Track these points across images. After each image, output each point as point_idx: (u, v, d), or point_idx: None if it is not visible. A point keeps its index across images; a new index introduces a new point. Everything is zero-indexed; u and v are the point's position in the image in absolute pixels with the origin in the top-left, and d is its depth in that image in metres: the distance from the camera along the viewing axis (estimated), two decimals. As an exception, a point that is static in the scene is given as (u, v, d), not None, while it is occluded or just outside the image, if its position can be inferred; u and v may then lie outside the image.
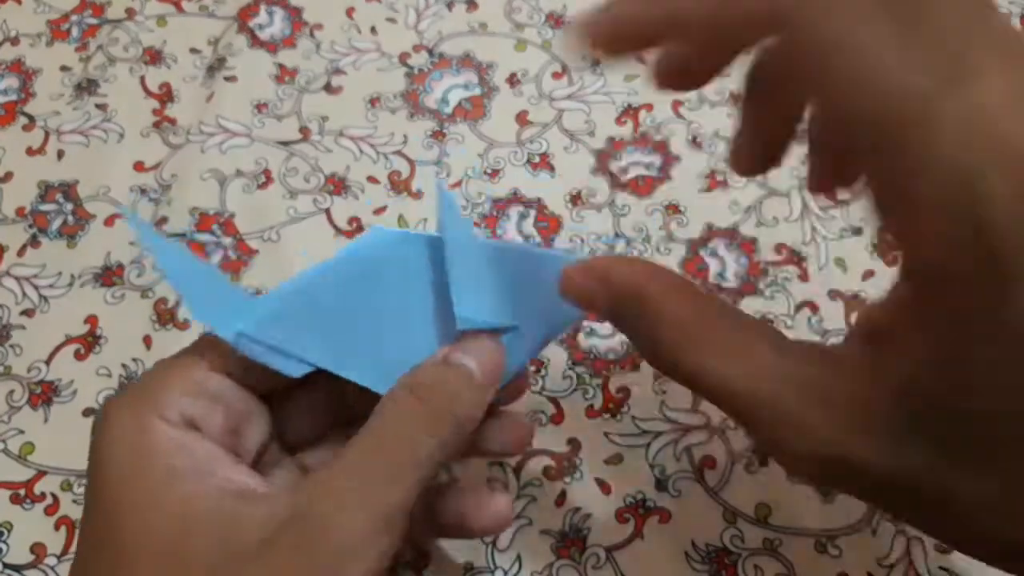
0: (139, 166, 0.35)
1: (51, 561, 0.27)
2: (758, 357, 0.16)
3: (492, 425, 0.23)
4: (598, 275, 0.19)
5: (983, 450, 0.14)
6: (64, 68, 0.37)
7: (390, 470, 0.18)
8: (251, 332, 0.20)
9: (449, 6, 0.39)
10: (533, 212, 0.34)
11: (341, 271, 0.20)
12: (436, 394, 0.19)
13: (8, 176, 0.35)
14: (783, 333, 0.18)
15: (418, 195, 0.34)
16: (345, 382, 0.21)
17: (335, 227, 0.33)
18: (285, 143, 0.35)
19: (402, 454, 0.19)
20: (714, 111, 0.36)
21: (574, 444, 0.29)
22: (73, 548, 0.26)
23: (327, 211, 0.34)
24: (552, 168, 0.35)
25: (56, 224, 0.33)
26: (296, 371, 0.20)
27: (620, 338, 0.31)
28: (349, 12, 0.39)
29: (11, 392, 0.30)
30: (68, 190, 0.34)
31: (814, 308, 0.31)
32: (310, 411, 0.23)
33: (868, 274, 0.32)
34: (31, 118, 0.36)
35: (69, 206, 0.34)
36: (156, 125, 0.36)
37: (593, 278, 0.19)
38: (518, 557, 0.27)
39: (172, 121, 0.36)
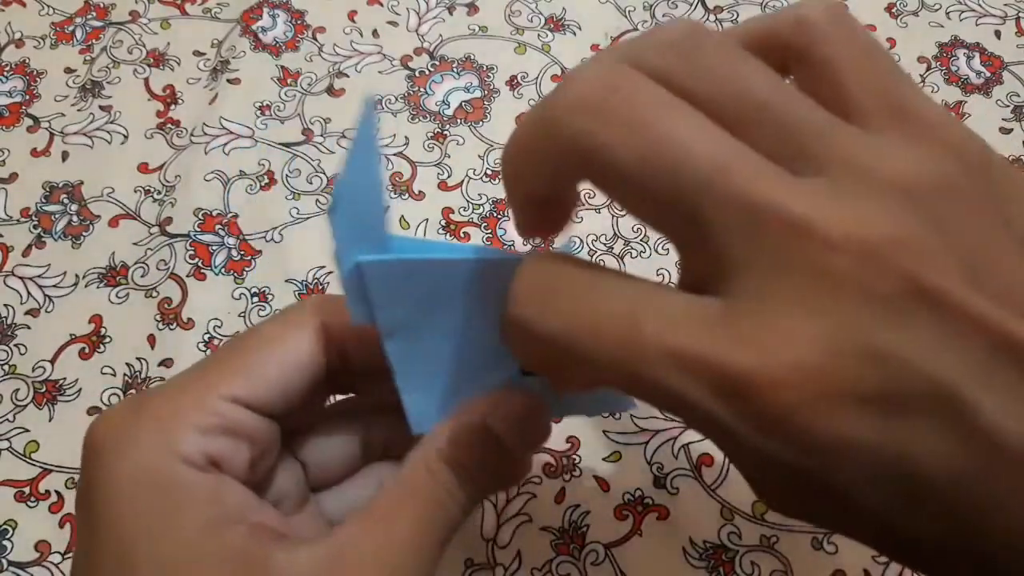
0: (143, 167, 0.35)
1: (55, 559, 0.27)
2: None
3: None
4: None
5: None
6: (68, 70, 0.38)
7: (425, 544, 0.18)
8: (368, 270, 0.18)
9: (450, 9, 0.40)
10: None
11: (472, 268, 0.19)
12: (467, 466, 0.19)
13: (13, 177, 0.35)
14: None
15: (420, 196, 0.34)
16: (371, 421, 0.21)
17: (337, 228, 0.34)
18: (288, 145, 0.36)
19: (437, 531, 0.19)
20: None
21: (573, 441, 0.29)
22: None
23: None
24: (552, 170, 0.35)
25: (61, 225, 0.34)
26: (361, 320, 0.19)
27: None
28: (351, 15, 0.40)
29: (16, 391, 0.30)
30: (73, 191, 0.34)
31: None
32: (332, 450, 0.22)
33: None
34: (36, 120, 0.36)
35: (74, 207, 0.34)
36: (160, 127, 0.36)
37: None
38: (518, 554, 0.27)
39: (176, 123, 0.36)
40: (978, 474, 0.13)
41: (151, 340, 0.31)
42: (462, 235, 0.33)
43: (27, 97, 0.37)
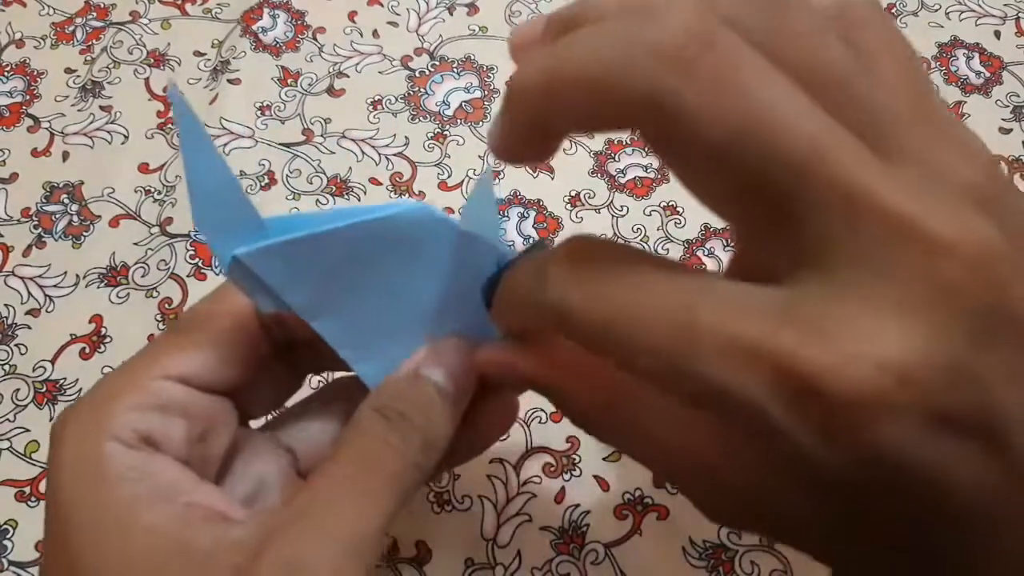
0: (144, 167, 0.35)
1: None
2: (662, 441, 0.16)
3: (476, 415, 0.21)
4: (507, 370, 0.19)
5: None
6: (69, 70, 0.38)
7: (362, 500, 0.18)
8: (249, 261, 0.18)
9: (450, 10, 0.40)
10: (533, 213, 0.34)
11: (363, 231, 0.18)
12: (406, 417, 0.19)
13: (13, 177, 0.35)
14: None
15: (420, 196, 0.34)
16: (355, 400, 0.20)
17: (337, 228, 0.34)
18: (288, 145, 0.36)
19: (374, 482, 0.18)
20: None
21: (573, 441, 0.29)
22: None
23: (329, 212, 0.34)
24: (552, 169, 0.35)
25: (61, 225, 0.34)
26: (268, 308, 0.19)
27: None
28: (351, 16, 0.40)
29: (16, 391, 0.30)
30: (73, 191, 0.34)
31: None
32: (317, 434, 0.22)
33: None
34: (36, 120, 0.36)
35: (74, 207, 0.34)
36: (160, 127, 0.36)
37: (505, 371, 0.19)
38: (518, 553, 0.27)
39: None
40: (1001, 496, 0.12)
41: (151, 340, 0.31)
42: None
43: (27, 97, 0.37)
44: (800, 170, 0.12)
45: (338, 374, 0.24)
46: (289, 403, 0.23)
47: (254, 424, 0.22)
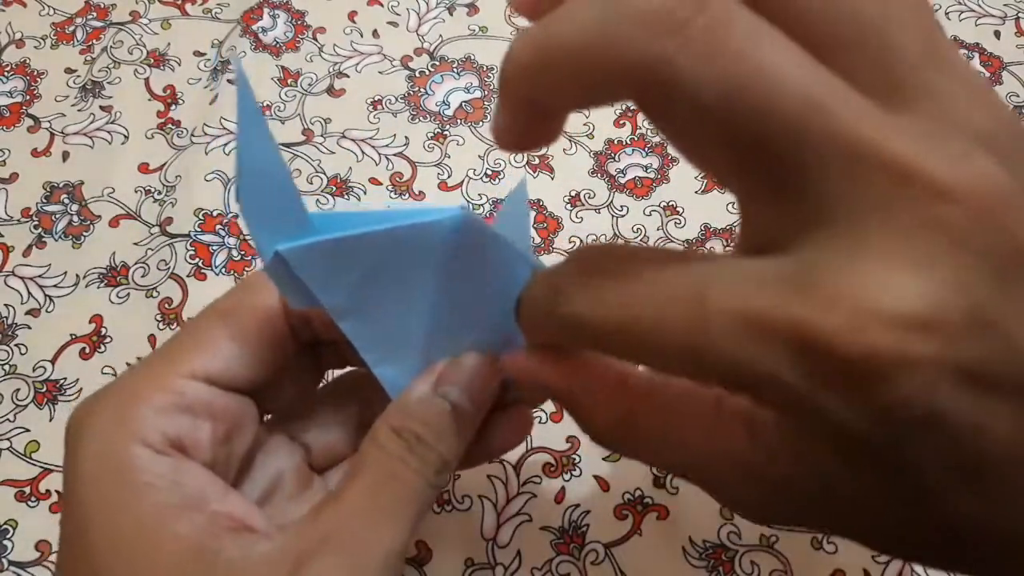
0: (144, 167, 0.35)
1: (56, 558, 0.27)
2: (687, 443, 0.16)
3: (490, 426, 0.22)
4: (531, 376, 0.18)
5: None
6: (69, 70, 0.38)
7: (387, 522, 0.18)
8: (291, 258, 0.17)
9: (450, 10, 0.40)
10: (533, 213, 0.34)
11: (406, 234, 0.18)
12: (423, 440, 0.18)
13: (14, 177, 0.35)
14: (716, 390, 0.16)
15: (420, 196, 0.34)
16: (369, 394, 0.21)
17: (337, 228, 0.34)
18: (288, 145, 0.36)
19: (397, 505, 0.18)
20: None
21: (573, 441, 0.29)
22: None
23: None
24: (552, 169, 0.35)
25: (61, 225, 0.34)
26: (299, 305, 0.18)
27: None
28: (351, 16, 0.40)
29: (16, 391, 0.30)
30: (73, 191, 0.34)
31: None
32: (331, 429, 0.22)
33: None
34: (36, 120, 0.36)
35: (74, 207, 0.34)
36: (161, 127, 0.36)
37: (529, 378, 0.18)
38: (518, 553, 0.27)
39: (176, 123, 0.36)
40: None
41: (152, 340, 0.31)
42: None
43: (27, 97, 0.37)
44: (797, 126, 0.12)
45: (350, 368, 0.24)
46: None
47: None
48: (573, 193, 0.35)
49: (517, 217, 0.20)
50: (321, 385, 0.24)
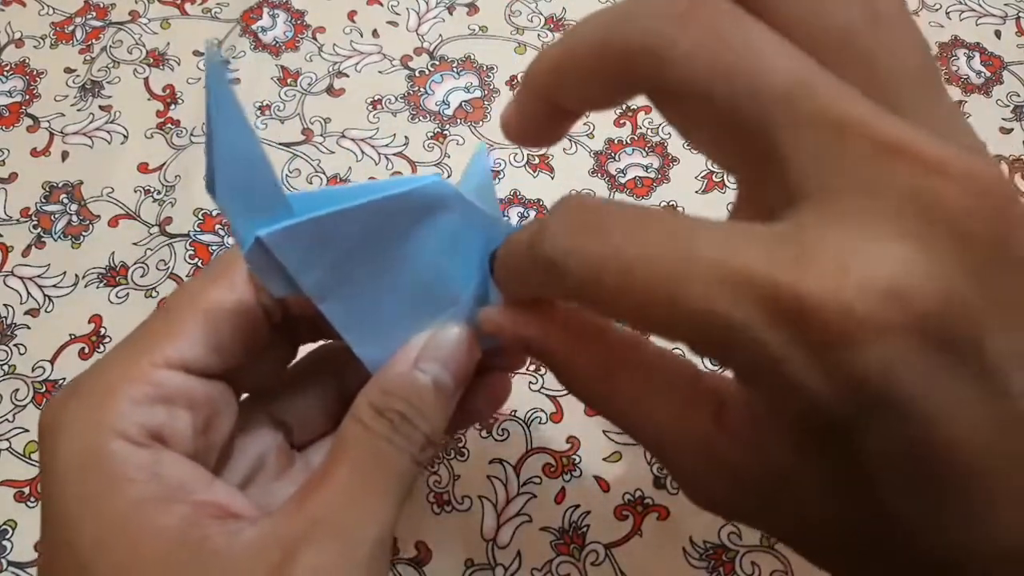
0: (143, 167, 0.35)
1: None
2: (658, 413, 0.16)
3: (469, 392, 0.21)
4: (509, 330, 0.18)
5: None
6: (68, 70, 0.38)
7: (375, 502, 0.18)
8: (271, 243, 0.17)
9: (450, 9, 0.40)
10: (533, 213, 0.34)
11: (383, 206, 0.17)
12: (407, 418, 0.18)
13: (13, 177, 0.35)
14: (694, 368, 0.17)
15: (419, 196, 0.34)
16: (344, 366, 0.20)
17: (337, 228, 0.34)
18: (288, 145, 0.36)
19: (383, 484, 0.18)
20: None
21: (573, 442, 0.29)
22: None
23: (329, 212, 0.34)
24: (551, 169, 0.35)
25: (61, 224, 0.34)
26: (281, 292, 0.18)
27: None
28: (351, 15, 0.40)
29: (16, 391, 0.30)
30: (72, 191, 0.34)
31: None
32: (310, 405, 0.22)
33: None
34: (36, 119, 0.36)
35: (73, 207, 0.34)
36: (160, 127, 0.36)
37: (506, 332, 0.18)
38: (518, 554, 0.27)
39: (176, 123, 0.36)
40: (998, 450, 0.12)
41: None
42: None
43: (27, 97, 0.37)
44: (783, 102, 0.13)
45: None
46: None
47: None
48: (573, 193, 0.34)
49: (482, 188, 0.19)
50: (295, 361, 0.23)
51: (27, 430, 0.29)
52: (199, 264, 0.32)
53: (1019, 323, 0.12)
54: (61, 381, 0.30)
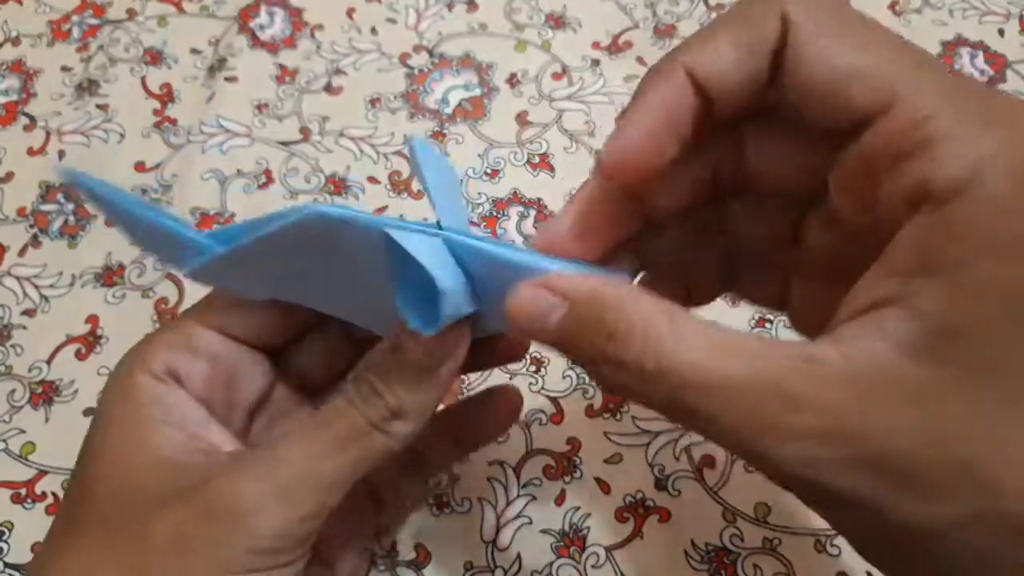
0: (140, 166, 0.35)
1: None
2: (745, 346, 0.15)
3: (480, 409, 0.24)
4: (555, 291, 0.17)
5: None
6: (65, 68, 0.37)
7: (306, 450, 0.19)
8: (202, 274, 0.20)
9: (449, 7, 0.39)
10: (533, 212, 0.34)
11: (273, 240, 0.19)
12: (375, 387, 0.19)
13: (9, 176, 0.35)
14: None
15: (419, 196, 0.34)
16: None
17: (335, 227, 0.33)
18: (286, 143, 0.35)
19: (324, 438, 0.19)
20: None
21: (574, 444, 0.29)
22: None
23: (328, 211, 0.34)
24: (552, 168, 0.35)
25: (57, 224, 0.33)
26: (258, 296, 0.21)
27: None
28: (349, 13, 0.39)
29: (12, 392, 0.30)
30: (69, 190, 0.34)
31: (813, 308, 0.32)
32: (325, 354, 0.24)
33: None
34: (32, 118, 0.36)
35: (70, 206, 0.34)
36: (157, 125, 0.36)
37: (549, 294, 0.17)
38: (518, 556, 0.27)
39: (173, 121, 0.36)
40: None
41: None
42: (462, 234, 0.33)
43: (23, 96, 0.37)
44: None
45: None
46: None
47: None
48: (574, 191, 0.34)
49: (447, 186, 0.20)
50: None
51: (23, 431, 0.29)
52: (197, 264, 0.32)
53: None
54: (58, 382, 0.30)
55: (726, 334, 0.16)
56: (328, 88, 0.37)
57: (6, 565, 0.27)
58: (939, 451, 0.14)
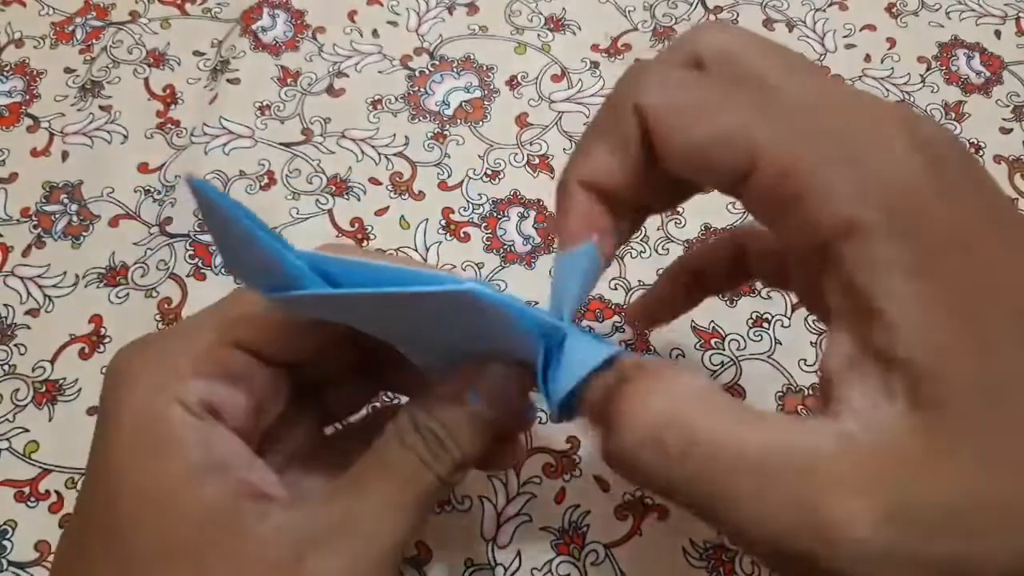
0: (143, 167, 0.35)
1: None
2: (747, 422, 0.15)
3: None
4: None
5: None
6: (68, 70, 0.38)
7: (395, 515, 0.18)
8: (285, 303, 0.17)
9: (450, 9, 0.40)
10: (533, 213, 0.34)
11: (398, 299, 0.17)
12: (444, 443, 0.19)
13: (13, 177, 0.35)
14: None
15: (420, 196, 0.34)
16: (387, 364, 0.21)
17: (337, 228, 0.34)
18: (288, 145, 0.36)
19: (407, 500, 0.19)
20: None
21: (573, 442, 0.29)
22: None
23: (330, 212, 0.34)
24: (552, 169, 0.35)
25: (61, 225, 0.34)
26: (325, 318, 0.19)
27: (620, 337, 0.31)
28: (351, 15, 0.40)
29: (16, 391, 0.30)
30: (73, 191, 0.34)
31: (811, 308, 0.32)
32: (337, 366, 0.22)
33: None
34: (36, 119, 0.36)
35: (74, 207, 0.34)
36: (160, 127, 0.36)
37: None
38: (518, 554, 0.27)
39: (176, 123, 0.36)
40: None
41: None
42: (462, 235, 0.33)
43: (27, 97, 0.37)
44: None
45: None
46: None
47: None
48: (573, 193, 0.34)
49: (571, 275, 0.19)
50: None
51: (27, 430, 0.29)
52: (199, 264, 0.32)
53: None
54: (61, 381, 0.30)
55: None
56: (330, 90, 0.37)
57: (10, 563, 0.27)
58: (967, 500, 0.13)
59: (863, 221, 0.14)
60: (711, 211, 0.34)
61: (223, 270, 0.32)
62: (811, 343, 0.31)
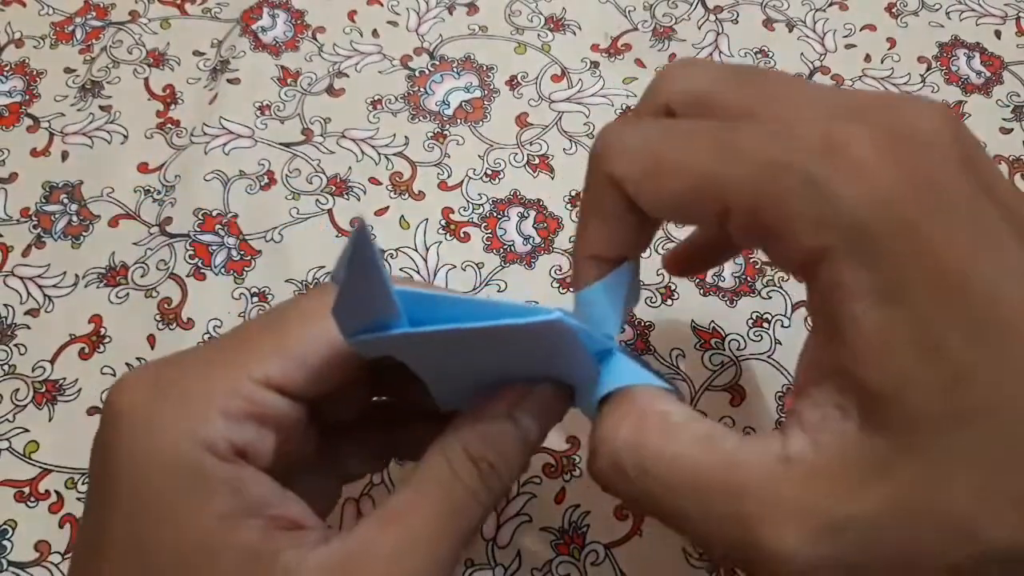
0: (143, 167, 0.35)
1: (55, 559, 0.27)
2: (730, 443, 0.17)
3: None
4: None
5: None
6: (68, 70, 0.38)
7: (443, 545, 0.18)
8: (368, 343, 0.17)
9: (450, 9, 0.40)
10: (533, 213, 0.34)
11: (482, 332, 0.16)
12: (496, 469, 0.18)
13: (13, 177, 0.35)
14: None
15: (420, 196, 0.34)
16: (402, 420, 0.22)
17: (337, 228, 0.34)
18: (288, 144, 0.36)
19: (456, 529, 0.18)
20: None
21: (573, 442, 0.29)
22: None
23: (329, 212, 0.34)
24: (551, 169, 0.35)
25: (61, 225, 0.34)
26: (370, 355, 0.18)
27: (620, 337, 0.31)
28: (351, 15, 0.40)
29: (16, 391, 0.30)
30: (73, 191, 0.34)
31: (811, 308, 0.32)
32: (355, 396, 0.22)
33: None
34: (36, 119, 0.36)
35: (73, 207, 0.34)
36: (160, 127, 0.36)
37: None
38: (518, 554, 0.27)
39: (176, 123, 0.36)
40: None
41: (151, 340, 0.31)
42: (462, 235, 0.33)
43: (27, 97, 0.37)
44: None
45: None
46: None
47: None
48: (574, 193, 0.35)
49: (613, 300, 0.20)
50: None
51: (27, 430, 0.29)
52: (199, 264, 0.32)
53: None
54: (61, 381, 0.30)
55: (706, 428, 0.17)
56: (330, 90, 0.37)
57: (9, 563, 0.27)
58: (911, 519, 0.14)
59: (829, 247, 0.15)
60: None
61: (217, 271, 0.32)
62: (811, 343, 0.31)
